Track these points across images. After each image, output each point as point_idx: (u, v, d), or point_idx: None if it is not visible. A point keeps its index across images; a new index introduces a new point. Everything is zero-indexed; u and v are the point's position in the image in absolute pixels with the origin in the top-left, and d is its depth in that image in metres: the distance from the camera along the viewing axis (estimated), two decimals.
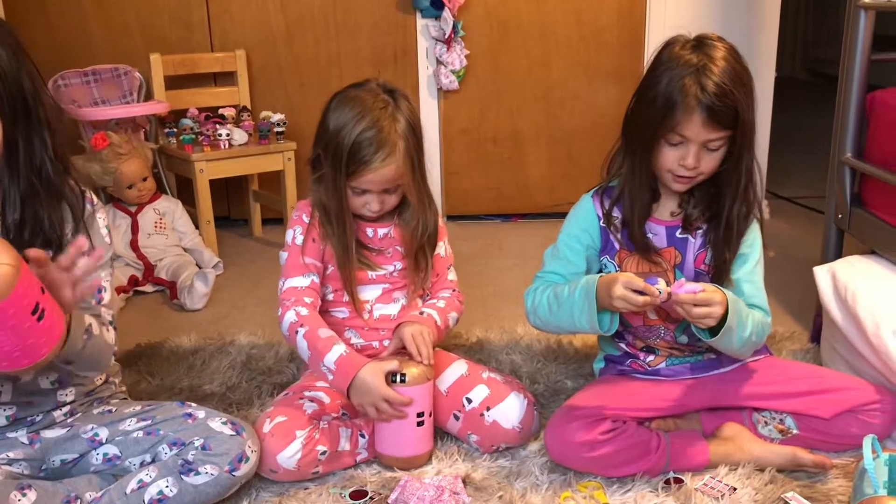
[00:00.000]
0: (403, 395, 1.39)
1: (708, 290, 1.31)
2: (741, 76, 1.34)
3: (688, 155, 1.36)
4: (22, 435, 1.28)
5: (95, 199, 1.31)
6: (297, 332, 1.46)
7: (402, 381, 1.40)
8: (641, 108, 1.40)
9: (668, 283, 1.31)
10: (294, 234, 1.54)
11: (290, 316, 1.47)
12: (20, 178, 1.18)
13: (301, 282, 1.51)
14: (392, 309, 1.60)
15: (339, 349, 1.43)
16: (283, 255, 1.56)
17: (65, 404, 1.32)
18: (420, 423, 1.42)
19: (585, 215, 1.51)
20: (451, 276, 1.66)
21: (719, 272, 1.46)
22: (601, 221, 1.49)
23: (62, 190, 1.24)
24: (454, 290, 1.66)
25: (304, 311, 1.47)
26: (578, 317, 1.36)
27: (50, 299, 1.04)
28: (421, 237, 1.55)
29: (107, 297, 1.31)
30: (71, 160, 1.28)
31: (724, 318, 1.31)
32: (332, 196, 1.47)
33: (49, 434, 1.30)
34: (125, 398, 1.46)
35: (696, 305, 1.29)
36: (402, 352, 1.49)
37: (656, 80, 1.36)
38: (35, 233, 1.20)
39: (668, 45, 1.39)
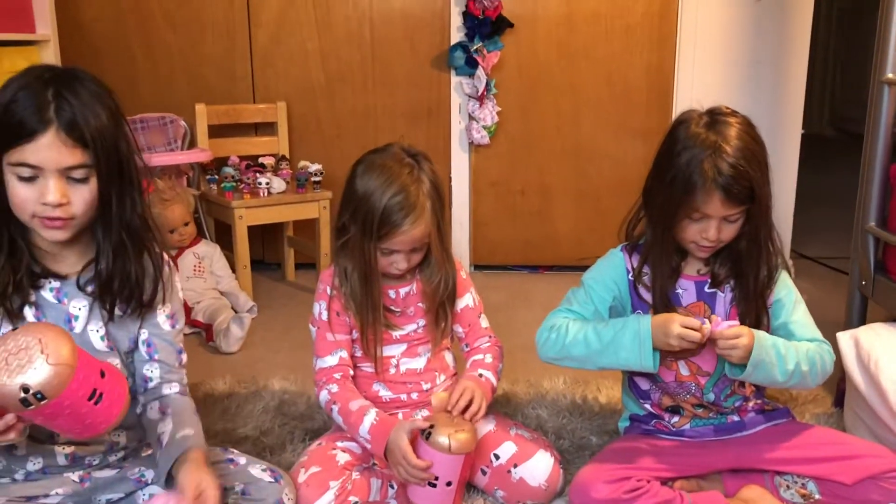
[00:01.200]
0: (421, 459, 1.41)
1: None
2: (755, 153, 1.40)
3: (709, 228, 1.43)
4: (74, 475, 1.34)
5: (168, 259, 1.40)
6: (331, 409, 1.56)
7: (427, 437, 1.42)
8: (661, 187, 1.45)
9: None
10: (320, 310, 1.60)
11: (323, 395, 1.58)
12: (112, 232, 1.26)
13: (330, 361, 1.59)
14: (418, 363, 1.64)
15: (370, 419, 1.49)
16: (313, 329, 1.62)
17: (118, 448, 1.39)
18: (432, 485, 1.43)
19: (616, 268, 1.56)
20: (484, 323, 1.70)
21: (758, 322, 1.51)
22: (630, 275, 1.55)
23: (147, 248, 1.32)
24: (491, 337, 1.69)
25: (334, 389, 1.56)
26: (626, 357, 1.43)
27: (110, 380, 1.10)
28: (443, 292, 1.60)
29: (185, 358, 1.44)
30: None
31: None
32: (360, 259, 1.51)
33: (99, 474, 1.36)
34: None
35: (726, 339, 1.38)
36: (451, 416, 1.50)
37: (674, 159, 1.42)
38: (122, 284, 1.29)
39: (682, 122, 1.45)
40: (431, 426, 1.43)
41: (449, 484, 1.44)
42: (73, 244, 1.28)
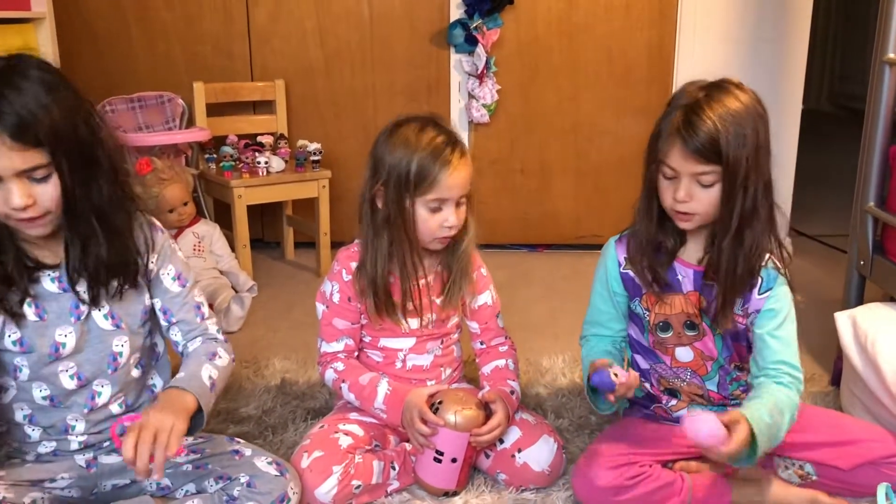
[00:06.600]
0: (429, 423, 1.44)
1: (735, 418, 1.27)
2: (740, 120, 1.32)
3: (679, 187, 1.37)
4: (81, 459, 1.35)
5: (158, 225, 1.38)
6: (340, 387, 1.58)
7: (435, 411, 1.46)
8: (647, 146, 1.43)
9: (618, 374, 1.34)
10: (332, 290, 1.59)
11: (329, 374, 1.60)
12: (80, 223, 1.22)
13: (335, 346, 1.61)
14: (425, 360, 1.64)
15: (383, 389, 1.52)
16: (319, 307, 1.61)
17: None
18: (437, 460, 1.47)
19: (608, 263, 1.56)
20: (501, 322, 1.70)
21: (718, 315, 1.45)
22: (622, 268, 1.54)
23: (128, 226, 1.30)
24: (506, 338, 1.70)
25: (340, 367, 1.59)
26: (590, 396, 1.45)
27: None
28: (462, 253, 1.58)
29: (206, 310, 1.44)
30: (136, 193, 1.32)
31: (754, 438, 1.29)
32: (400, 226, 1.45)
33: (106, 460, 1.37)
34: None
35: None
36: (474, 396, 1.52)
37: (662, 114, 1.39)
38: (99, 268, 1.27)
39: (687, 84, 1.41)
40: (440, 401, 1.46)
41: (454, 461, 1.47)
42: (58, 233, 1.25)
